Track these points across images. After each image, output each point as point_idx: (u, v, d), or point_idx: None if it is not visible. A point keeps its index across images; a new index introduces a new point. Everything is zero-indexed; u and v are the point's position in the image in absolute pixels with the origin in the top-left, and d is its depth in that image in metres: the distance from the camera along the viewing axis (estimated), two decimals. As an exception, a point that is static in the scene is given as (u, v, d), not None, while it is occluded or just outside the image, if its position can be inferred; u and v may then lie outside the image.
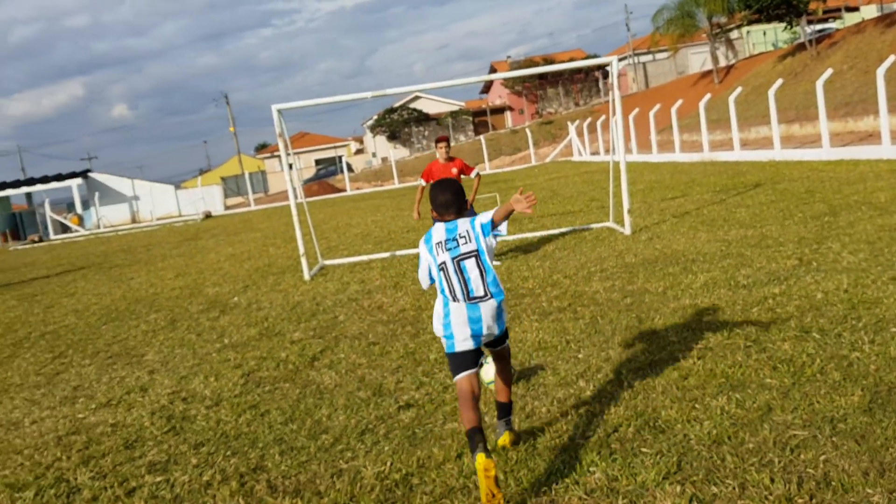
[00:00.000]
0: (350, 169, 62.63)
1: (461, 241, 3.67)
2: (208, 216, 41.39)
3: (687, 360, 4.81)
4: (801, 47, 36.76)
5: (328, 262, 12.49)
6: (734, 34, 54.09)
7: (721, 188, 15.28)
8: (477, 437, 3.33)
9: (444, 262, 3.68)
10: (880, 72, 16.58)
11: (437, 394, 5.00)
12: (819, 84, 18.98)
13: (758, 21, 39.64)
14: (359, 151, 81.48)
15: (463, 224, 3.72)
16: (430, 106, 72.74)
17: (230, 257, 16.10)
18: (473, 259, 3.66)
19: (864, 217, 9.13)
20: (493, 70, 77.79)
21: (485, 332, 3.66)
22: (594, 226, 12.46)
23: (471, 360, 3.66)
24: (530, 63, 70.47)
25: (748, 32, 56.06)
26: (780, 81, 22.07)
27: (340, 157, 66.91)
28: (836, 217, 9.53)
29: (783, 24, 39.22)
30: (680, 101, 29.70)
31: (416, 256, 11.23)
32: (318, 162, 74.66)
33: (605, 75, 69.41)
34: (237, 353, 6.94)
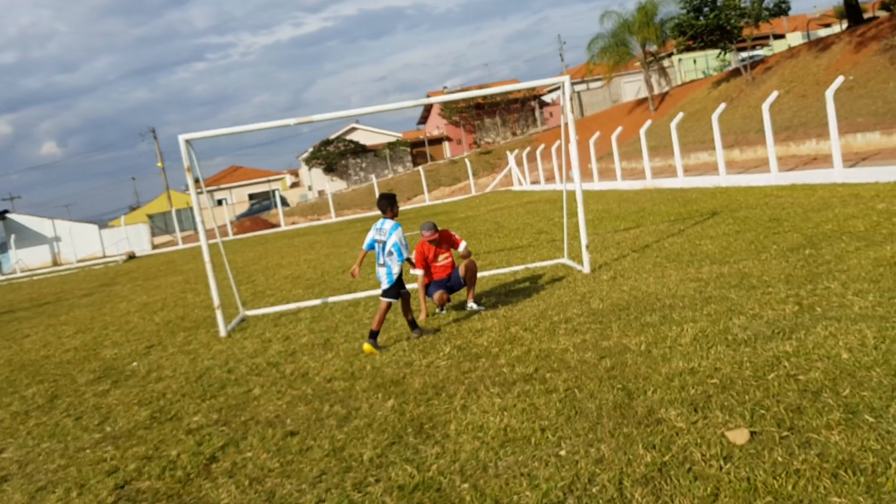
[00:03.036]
0: (285, 203, 60.70)
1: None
2: (132, 257, 38.95)
3: (709, 463, 3.56)
4: (735, 73, 36.98)
5: (250, 313, 10.98)
6: (666, 62, 54.73)
7: (676, 217, 14.38)
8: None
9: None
10: (829, 94, 16.07)
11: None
12: (765, 107, 18.47)
13: (691, 49, 39.85)
14: (294, 185, 79.49)
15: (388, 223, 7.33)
16: (367, 137, 71.48)
17: (142, 307, 14.37)
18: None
19: (851, 249, 8.18)
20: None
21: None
22: (548, 263, 11.30)
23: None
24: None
25: (680, 60, 56.85)
26: (723, 105, 21.60)
27: (275, 191, 64.90)
28: (817, 249, 8.57)
29: (713, 52, 39.54)
30: (620, 129, 29.20)
31: (351, 303, 9.63)
32: (251, 196, 72.32)
33: (542, 105, 69.55)
34: (117, 450, 5.40)
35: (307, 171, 72.08)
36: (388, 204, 7.58)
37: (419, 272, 8.68)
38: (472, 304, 8.68)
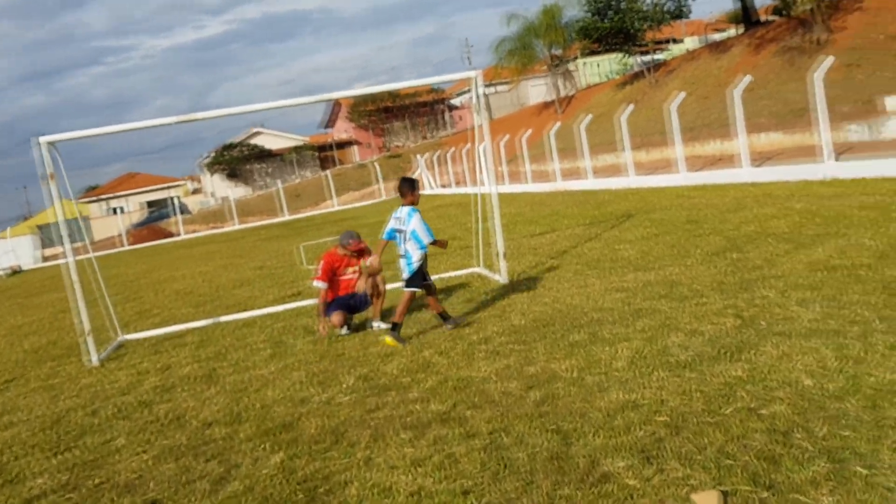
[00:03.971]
0: (185, 210, 57.95)
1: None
2: (16, 272, 35.99)
3: (678, 541, 2.81)
4: (638, 76, 37.50)
5: (129, 337, 9.71)
6: (570, 66, 55.37)
7: (590, 220, 13.91)
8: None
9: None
10: (736, 93, 16.03)
11: None
12: (672, 108, 18.37)
13: (595, 52, 40.25)
14: (196, 191, 76.21)
15: (404, 210, 6.96)
16: (271, 142, 69.25)
17: (12, 331, 12.75)
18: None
19: (780, 252, 7.75)
20: (336, 105, 75.65)
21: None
22: (461, 272, 10.52)
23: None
24: (374, 97, 68.95)
25: (583, 64, 57.64)
26: (630, 107, 21.51)
27: (173, 199, 61.91)
28: (743, 253, 8.11)
29: (615, 56, 40.07)
30: (529, 131, 28.92)
31: (245, 323, 9.40)
32: (150, 204, 68.84)
33: (451, 108, 69.23)
34: (-77, 535, 4.24)
35: (209, 178, 69.24)
36: (409, 188, 7.06)
37: (321, 285, 7.74)
38: (378, 324, 7.78)
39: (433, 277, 10.31)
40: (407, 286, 7.06)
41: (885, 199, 9.90)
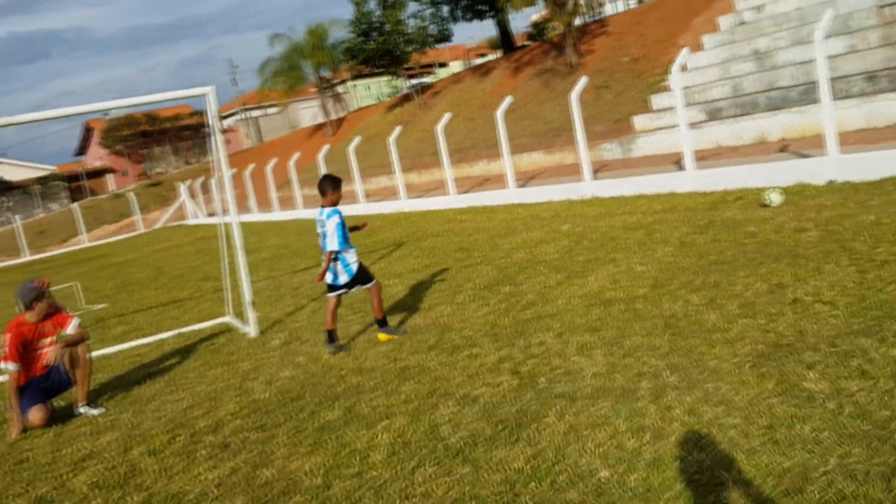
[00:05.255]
0: None
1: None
2: None
3: None
4: (407, 98, 37.56)
5: None
6: (341, 88, 54.75)
7: (360, 250, 12.84)
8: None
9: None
10: (499, 114, 15.90)
11: None
12: (439, 129, 17.99)
13: (363, 75, 39.83)
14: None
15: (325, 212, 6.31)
16: (12, 172, 61.12)
17: None
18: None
19: (552, 283, 7.15)
20: (88, 130, 68.88)
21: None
22: (208, 324, 8.95)
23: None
24: (131, 120, 63.56)
25: (354, 86, 57.30)
26: (399, 128, 20.94)
27: None
28: (516, 285, 7.44)
29: (386, 79, 39.99)
30: (298, 154, 27.51)
31: None
32: None
33: (221, 130, 65.61)
34: None
35: (-69, 215, 59.53)
36: (330, 186, 6.45)
37: (11, 366, 5.85)
38: (86, 409, 6.05)
39: (170, 334, 8.68)
40: (360, 284, 6.52)
41: (646, 217, 9.87)
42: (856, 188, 8.82)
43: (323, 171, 24.79)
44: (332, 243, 6.28)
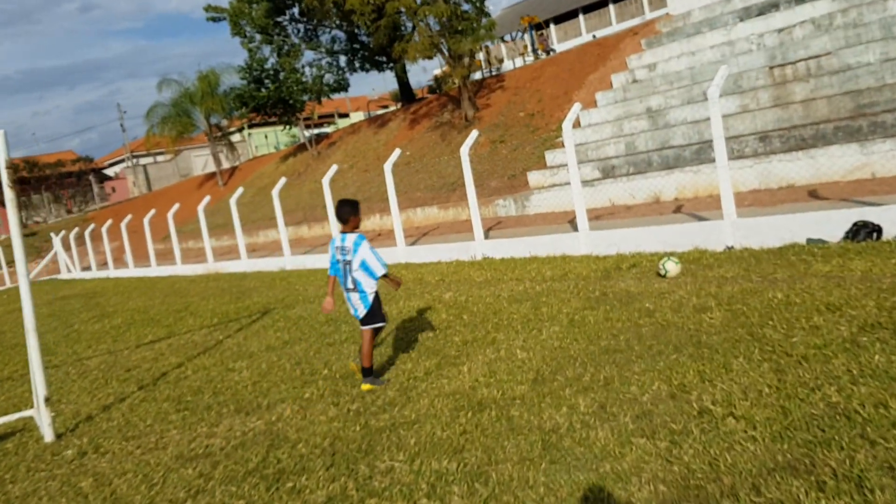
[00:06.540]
0: None
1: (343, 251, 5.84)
2: None
3: None
4: (302, 148, 36.21)
5: None
6: (237, 137, 52.86)
7: (221, 318, 11.35)
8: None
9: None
10: (387, 167, 14.81)
11: None
12: (325, 182, 16.76)
13: (257, 124, 38.30)
14: None
15: (350, 238, 5.80)
16: None
17: None
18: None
19: (419, 373, 5.93)
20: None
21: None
22: (10, 418, 7.22)
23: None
24: (10, 165, 59.11)
25: (250, 135, 55.48)
26: (283, 180, 19.53)
27: None
28: (378, 375, 6.19)
29: (283, 128, 38.55)
30: (177, 206, 25.55)
31: None
32: None
33: (101, 179, 62.14)
34: None
35: None
36: (351, 212, 5.94)
37: None
38: None
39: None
40: (365, 324, 5.99)
41: (535, 286, 8.87)
42: (757, 257, 8.10)
43: (203, 224, 23.01)
44: (378, 266, 5.88)
